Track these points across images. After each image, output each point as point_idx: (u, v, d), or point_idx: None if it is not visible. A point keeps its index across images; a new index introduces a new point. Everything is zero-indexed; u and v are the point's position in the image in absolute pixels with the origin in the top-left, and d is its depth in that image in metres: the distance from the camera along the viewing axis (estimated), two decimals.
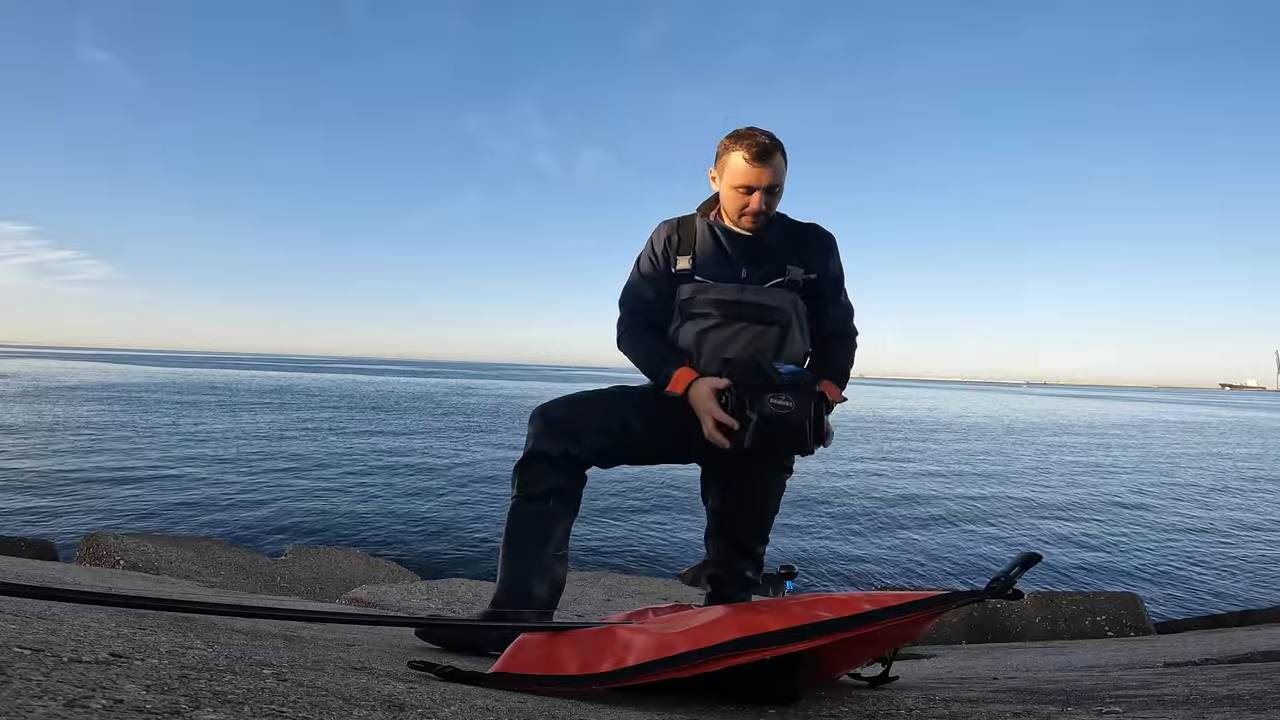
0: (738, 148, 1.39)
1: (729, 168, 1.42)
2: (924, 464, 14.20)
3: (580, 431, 1.43)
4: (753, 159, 1.37)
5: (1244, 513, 9.65)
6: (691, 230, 1.53)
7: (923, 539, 7.58)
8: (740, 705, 1.06)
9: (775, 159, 1.39)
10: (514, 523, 1.42)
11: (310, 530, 7.15)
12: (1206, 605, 5.42)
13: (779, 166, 1.40)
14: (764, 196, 1.40)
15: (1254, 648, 1.73)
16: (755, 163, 1.38)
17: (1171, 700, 0.93)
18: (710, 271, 1.49)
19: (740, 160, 1.39)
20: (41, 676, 0.54)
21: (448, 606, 2.44)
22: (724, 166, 1.43)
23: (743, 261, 1.48)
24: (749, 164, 1.38)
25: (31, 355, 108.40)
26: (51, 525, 6.79)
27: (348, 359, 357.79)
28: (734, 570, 1.59)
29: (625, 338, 1.56)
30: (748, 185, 1.40)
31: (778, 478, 1.51)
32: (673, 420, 1.43)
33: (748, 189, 1.41)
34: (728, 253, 1.49)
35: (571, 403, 1.48)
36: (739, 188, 1.41)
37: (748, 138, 1.39)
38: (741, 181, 1.40)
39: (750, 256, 1.48)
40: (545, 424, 1.43)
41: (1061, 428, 27.15)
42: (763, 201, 1.41)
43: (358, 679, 0.82)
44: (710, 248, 1.51)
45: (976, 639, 3.16)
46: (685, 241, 1.52)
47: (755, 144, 1.37)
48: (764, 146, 1.37)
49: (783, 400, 1.31)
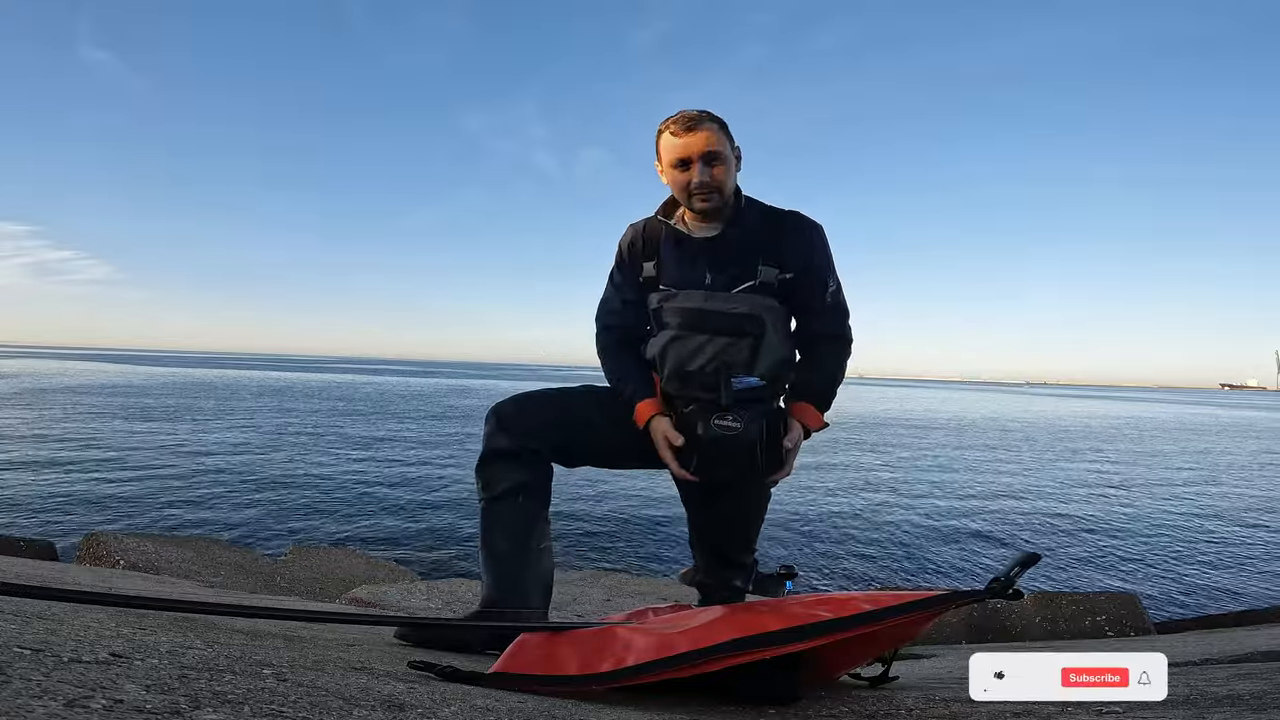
0: (665, 127, 1.34)
1: (662, 148, 1.36)
2: (923, 464, 14.20)
3: (535, 428, 1.37)
4: (679, 129, 1.31)
5: (1244, 513, 9.65)
6: (655, 233, 1.45)
7: (922, 539, 7.57)
8: (740, 705, 1.06)
9: (704, 125, 1.30)
10: (487, 524, 1.37)
11: (310, 530, 7.15)
12: (1206, 605, 5.42)
13: (711, 133, 1.31)
14: (701, 166, 1.31)
15: (1254, 648, 1.73)
16: (683, 132, 1.30)
17: (1171, 700, 0.93)
18: (674, 278, 1.40)
19: (668, 136, 1.33)
20: (41, 676, 0.54)
21: (448, 606, 2.44)
22: (659, 151, 1.37)
23: (706, 265, 1.37)
24: (676, 136, 1.32)
25: (31, 355, 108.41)
26: (51, 525, 6.79)
27: (348, 359, 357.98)
28: (721, 579, 1.56)
29: (600, 355, 1.51)
30: (680, 158, 1.32)
31: (760, 489, 1.44)
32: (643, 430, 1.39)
33: (682, 163, 1.32)
34: (690, 256, 1.39)
35: (526, 399, 1.42)
36: (674, 165, 1.34)
37: (674, 115, 1.33)
38: (674, 155, 1.33)
39: (715, 259, 1.37)
40: (498, 422, 1.38)
41: (1061, 428, 27.16)
42: (703, 172, 1.31)
43: (358, 679, 0.82)
44: (672, 252, 1.41)
45: (976, 639, 3.16)
46: (648, 246, 1.44)
47: (681, 115, 1.31)
48: (690, 116, 1.31)
49: (729, 421, 1.24)
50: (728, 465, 1.30)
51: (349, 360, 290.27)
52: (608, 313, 1.52)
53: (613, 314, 1.51)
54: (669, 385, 1.40)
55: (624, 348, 1.49)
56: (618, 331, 1.50)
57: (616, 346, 1.49)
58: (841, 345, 1.45)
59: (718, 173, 1.32)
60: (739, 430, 1.24)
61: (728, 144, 1.35)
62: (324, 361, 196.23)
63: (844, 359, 1.45)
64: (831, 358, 1.44)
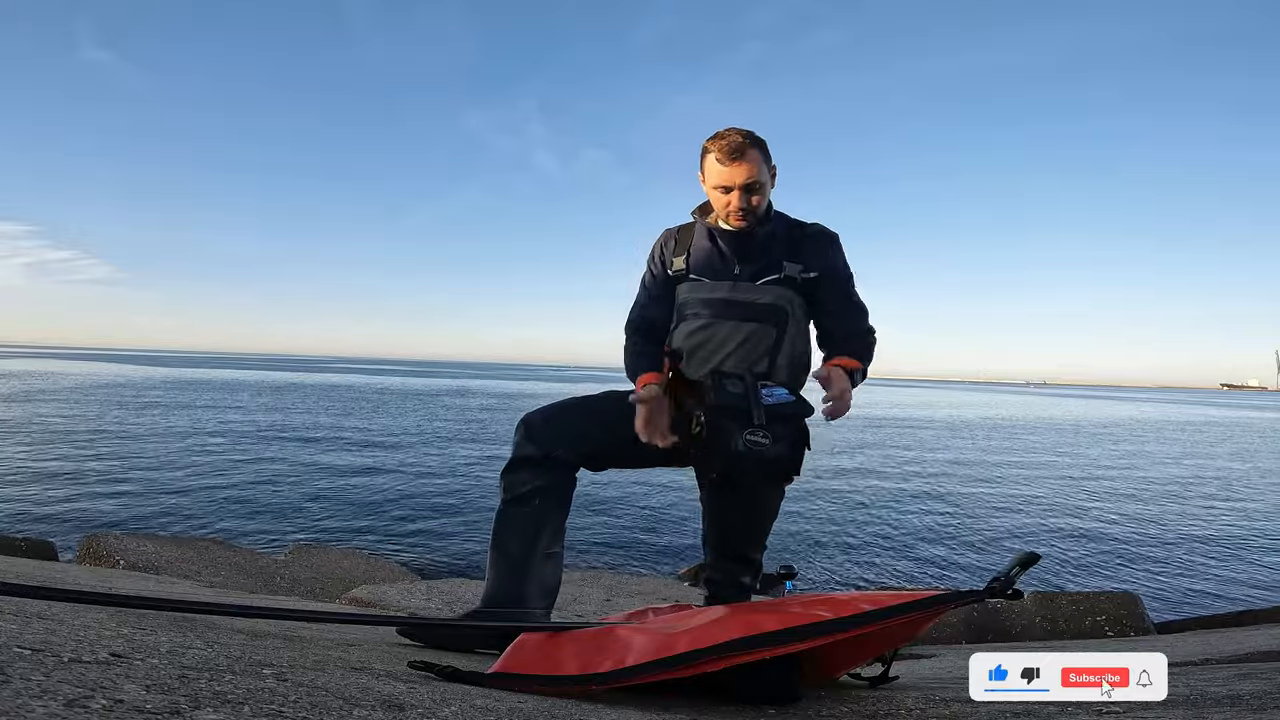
0: (711, 149, 1.40)
1: (706, 169, 1.43)
2: (923, 464, 14.20)
3: (561, 436, 1.44)
4: (725, 158, 1.37)
5: (1244, 513, 9.65)
6: (689, 232, 1.55)
7: (922, 539, 7.57)
8: (740, 705, 1.06)
9: (748, 156, 1.38)
10: (500, 525, 1.43)
11: (310, 530, 7.15)
12: (1206, 605, 5.42)
13: (754, 163, 1.38)
14: (742, 195, 1.39)
15: (1254, 648, 1.73)
16: (728, 161, 1.37)
17: (1171, 700, 0.93)
18: (704, 270, 1.49)
19: (714, 161, 1.40)
20: (41, 676, 0.54)
21: (448, 606, 2.44)
22: (703, 168, 1.44)
23: (737, 259, 1.47)
24: (721, 164, 1.38)
25: (31, 355, 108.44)
26: (51, 525, 6.79)
27: (348, 359, 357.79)
28: (730, 575, 1.59)
29: (624, 351, 1.58)
30: (724, 185, 1.40)
31: (775, 488, 1.49)
32: None
33: (724, 189, 1.40)
34: (722, 251, 1.48)
35: (553, 410, 1.50)
36: (717, 188, 1.42)
37: (720, 138, 1.39)
38: (718, 182, 1.40)
39: (745, 254, 1.47)
40: (526, 431, 1.45)
41: (1060, 428, 27.16)
42: (742, 199, 1.40)
43: (358, 679, 0.82)
44: (705, 247, 1.50)
45: (976, 639, 3.16)
46: (681, 243, 1.54)
47: (727, 144, 1.37)
48: (735, 145, 1.37)
49: (759, 437, 1.28)
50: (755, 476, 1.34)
51: (349, 360, 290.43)
52: (636, 307, 1.61)
53: (639, 307, 1.60)
54: (692, 370, 1.44)
55: (644, 338, 1.56)
56: (640, 323, 1.58)
57: (637, 337, 1.57)
58: (864, 335, 1.53)
59: (755, 201, 1.42)
60: (766, 446, 1.28)
61: (765, 169, 1.42)
62: (324, 361, 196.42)
63: (872, 348, 1.53)
64: (859, 341, 1.51)
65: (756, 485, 1.43)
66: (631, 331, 1.58)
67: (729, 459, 1.30)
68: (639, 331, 1.57)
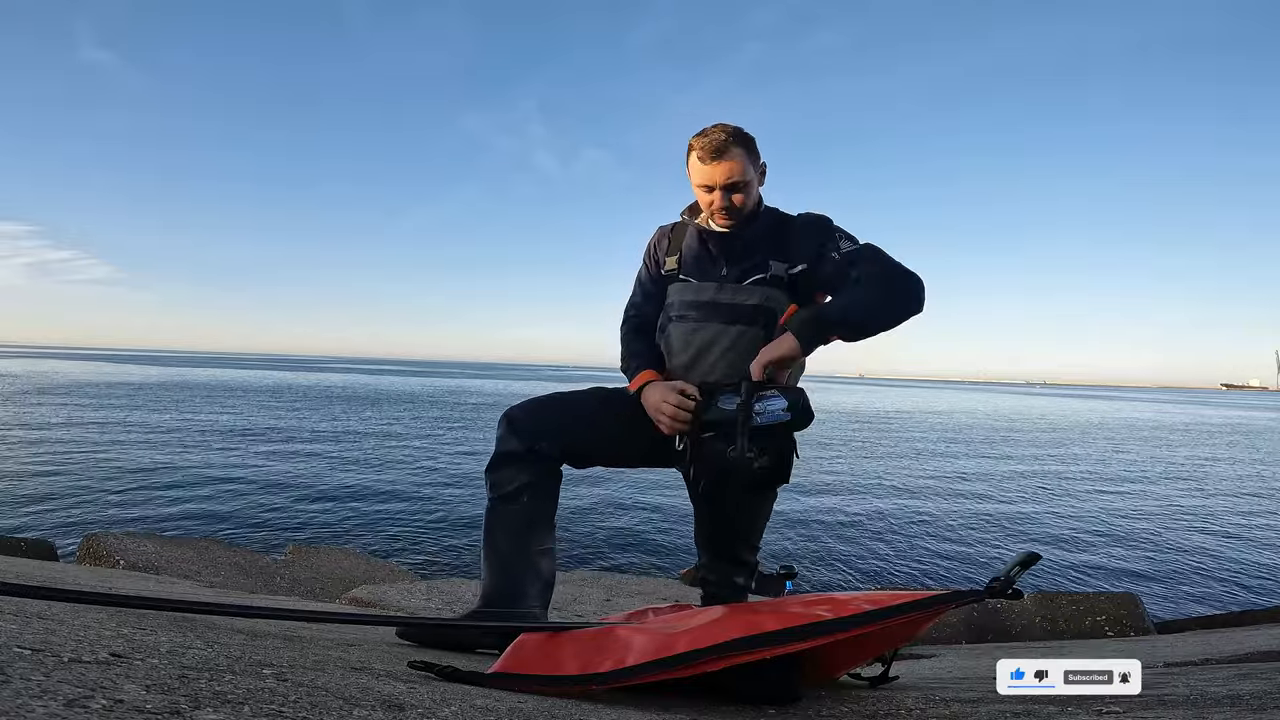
0: (695, 146, 1.37)
1: (690, 167, 1.41)
2: (923, 464, 14.19)
3: (545, 431, 1.42)
4: (706, 156, 1.35)
5: (1244, 513, 9.65)
6: (681, 232, 1.54)
7: (922, 539, 7.57)
8: (740, 705, 1.06)
9: (731, 154, 1.34)
10: (491, 523, 1.42)
11: (310, 530, 7.15)
12: (1206, 605, 5.42)
13: (738, 161, 1.35)
14: (724, 194, 1.36)
15: (1254, 648, 1.73)
16: (709, 160, 1.35)
17: (1171, 700, 0.93)
18: (693, 271, 1.48)
19: (696, 160, 1.37)
20: (42, 676, 0.54)
21: (448, 606, 2.44)
22: (688, 166, 1.42)
23: (724, 260, 1.45)
24: (702, 162, 1.36)
25: (32, 355, 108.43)
26: (51, 525, 6.79)
27: (348, 359, 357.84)
28: (724, 576, 1.58)
29: (620, 347, 1.58)
30: (706, 184, 1.38)
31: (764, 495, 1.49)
32: (649, 422, 1.41)
33: (707, 188, 1.38)
34: (710, 252, 1.47)
35: (536, 404, 1.48)
36: (700, 186, 1.40)
37: (703, 135, 1.35)
38: (700, 180, 1.38)
39: (731, 254, 1.45)
40: (509, 426, 1.43)
41: (1061, 429, 27.15)
42: (724, 198, 1.37)
43: (358, 679, 0.82)
44: (694, 247, 1.50)
45: (976, 639, 3.15)
46: (674, 243, 1.54)
47: (709, 141, 1.34)
48: (717, 143, 1.33)
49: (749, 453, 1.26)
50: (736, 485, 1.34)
51: (349, 360, 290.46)
52: (630, 306, 1.61)
53: (633, 306, 1.60)
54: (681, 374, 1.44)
55: (638, 334, 1.56)
56: (636, 321, 1.58)
57: (632, 333, 1.57)
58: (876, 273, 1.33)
59: (737, 199, 1.38)
60: (752, 459, 1.26)
61: (751, 167, 1.39)
62: (324, 361, 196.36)
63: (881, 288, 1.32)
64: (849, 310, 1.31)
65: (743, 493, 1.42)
66: (628, 329, 1.58)
67: (714, 471, 1.30)
68: (636, 329, 1.57)
